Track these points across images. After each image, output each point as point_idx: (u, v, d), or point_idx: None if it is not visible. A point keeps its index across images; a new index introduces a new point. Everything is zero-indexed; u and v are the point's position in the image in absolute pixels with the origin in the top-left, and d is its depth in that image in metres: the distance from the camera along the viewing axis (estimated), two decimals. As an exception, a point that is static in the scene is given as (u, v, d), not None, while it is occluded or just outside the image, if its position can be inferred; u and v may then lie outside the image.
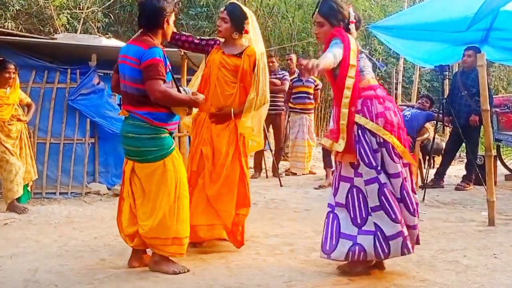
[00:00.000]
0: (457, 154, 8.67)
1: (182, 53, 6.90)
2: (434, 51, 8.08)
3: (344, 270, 3.38)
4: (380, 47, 14.16)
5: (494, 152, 5.81)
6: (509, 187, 6.74)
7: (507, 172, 7.44)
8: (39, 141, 6.61)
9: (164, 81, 3.31)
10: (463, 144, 7.07)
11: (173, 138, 3.58)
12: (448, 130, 9.33)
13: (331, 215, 3.36)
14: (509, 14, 6.93)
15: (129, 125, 3.41)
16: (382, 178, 3.19)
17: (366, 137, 3.22)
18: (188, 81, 7.45)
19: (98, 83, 6.83)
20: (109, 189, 6.69)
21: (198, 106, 3.64)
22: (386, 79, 14.38)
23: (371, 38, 14.10)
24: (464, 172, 6.91)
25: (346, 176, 3.31)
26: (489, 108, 4.91)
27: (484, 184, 5.43)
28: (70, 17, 12.25)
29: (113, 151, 6.87)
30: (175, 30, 3.82)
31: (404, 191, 3.23)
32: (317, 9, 3.45)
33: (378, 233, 3.17)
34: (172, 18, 3.52)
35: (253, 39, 4.13)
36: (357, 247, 3.20)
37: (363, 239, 3.20)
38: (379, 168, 3.19)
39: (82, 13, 12.32)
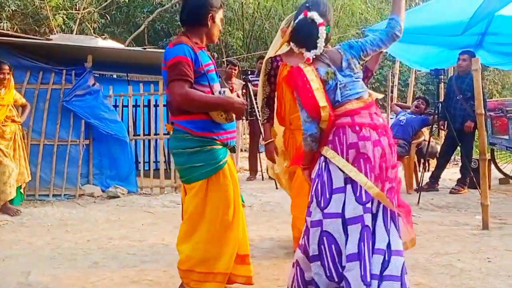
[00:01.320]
0: (452, 158, 8.67)
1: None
2: (429, 54, 8.10)
3: None
4: (376, 50, 14.18)
5: (488, 156, 5.82)
6: (503, 191, 6.74)
7: (501, 176, 7.45)
8: (32, 142, 6.59)
9: (190, 83, 2.76)
10: (458, 148, 7.07)
11: (230, 149, 3.00)
12: (443, 133, 9.34)
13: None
14: (504, 19, 6.94)
15: (172, 139, 2.93)
16: (327, 223, 2.55)
17: (330, 173, 2.61)
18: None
19: (94, 84, 6.81)
20: (103, 191, 6.66)
21: (239, 110, 2.90)
22: (382, 82, 14.42)
23: (367, 41, 14.12)
24: (459, 176, 6.91)
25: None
26: (483, 112, 4.92)
27: (478, 187, 5.44)
28: (66, 17, 12.23)
29: (108, 153, 6.85)
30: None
31: (362, 244, 2.48)
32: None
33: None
34: (219, 16, 2.95)
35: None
36: None
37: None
38: (329, 211, 2.55)
39: (78, 13, 12.31)
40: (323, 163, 2.64)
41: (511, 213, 5.41)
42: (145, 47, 8.16)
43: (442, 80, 6.96)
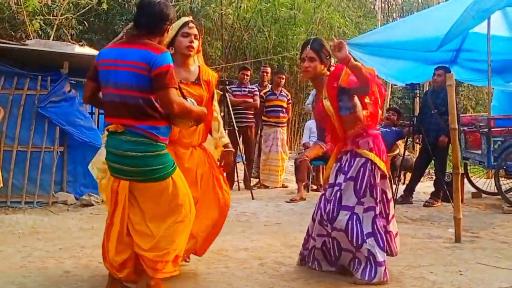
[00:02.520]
0: (426, 171, 8.79)
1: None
2: (405, 69, 8.24)
3: None
4: (354, 64, 14.34)
5: (461, 170, 5.91)
6: (476, 205, 6.85)
7: (474, 190, 7.57)
8: (5, 148, 6.46)
9: (177, 90, 2.95)
10: (432, 161, 7.18)
11: None
12: (418, 146, 9.48)
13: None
14: (478, 36, 7.12)
15: (127, 142, 2.92)
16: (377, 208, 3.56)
17: (375, 172, 3.55)
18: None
19: (69, 91, 6.74)
20: (77, 198, 6.56)
21: (203, 120, 3.22)
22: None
23: (345, 55, 14.27)
24: (433, 189, 7.01)
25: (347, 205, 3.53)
26: (457, 127, 5.00)
27: (451, 201, 5.52)
28: (43, 23, 12.08)
29: (82, 160, 6.74)
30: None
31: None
32: (308, 46, 3.63)
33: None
34: (172, 32, 3.25)
35: None
36: None
37: None
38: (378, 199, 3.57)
39: (55, 19, 12.17)
40: (372, 165, 3.54)
41: (483, 227, 5.50)
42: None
43: (418, 95, 7.08)
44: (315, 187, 8.17)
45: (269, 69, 9.13)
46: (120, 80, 2.90)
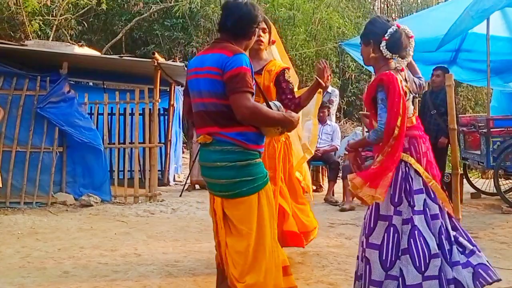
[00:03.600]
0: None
1: (156, 63, 6.90)
2: (404, 69, 8.23)
3: None
4: (353, 64, 14.36)
5: (460, 171, 5.91)
6: (475, 205, 6.85)
7: (473, 190, 7.57)
8: (5, 149, 6.47)
9: (253, 95, 2.66)
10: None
11: None
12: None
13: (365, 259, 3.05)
14: (477, 37, 7.12)
15: (215, 152, 2.68)
16: (416, 220, 2.95)
17: (411, 176, 3.02)
18: (161, 91, 7.45)
19: (69, 92, 6.74)
20: (76, 199, 6.57)
21: (294, 127, 2.85)
22: (358, 96, 14.58)
23: (344, 55, 14.30)
24: (432, 190, 7.00)
25: (385, 214, 3.01)
26: (456, 127, 5.00)
27: (450, 201, 5.51)
28: (43, 23, 12.09)
29: (82, 161, 6.77)
30: None
31: (442, 236, 2.98)
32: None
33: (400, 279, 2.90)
34: (257, 33, 2.94)
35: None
36: None
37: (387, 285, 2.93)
38: (416, 209, 2.97)
39: (55, 20, 12.18)
40: (406, 168, 3.02)
41: (482, 227, 5.50)
42: (121, 55, 8.11)
43: (417, 95, 7.06)
44: (314, 187, 8.17)
45: None
46: (200, 88, 2.72)
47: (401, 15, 19.47)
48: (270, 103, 2.80)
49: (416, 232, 2.92)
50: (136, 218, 5.91)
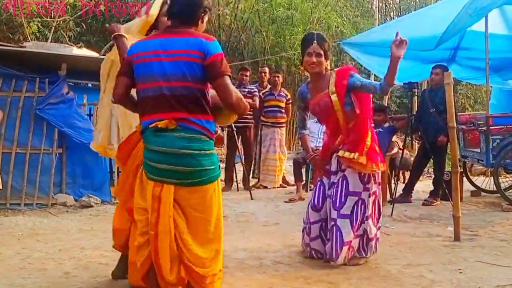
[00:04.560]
0: (425, 170, 8.80)
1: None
2: (403, 68, 8.17)
3: None
4: (352, 63, 14.35)
5: (460, 169, 5.92)
6: (474, 203, 6.85)
7: (473, 188, 7.58)
8: (4, 150, 6.46)
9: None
10: (431, 160, 7.18)
11: None
12: (416, 145, 9.49)
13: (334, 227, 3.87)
14: (476, 34, 7.12)
15: (180, 138, 2.64)
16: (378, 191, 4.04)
17: None
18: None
19: (68, 93, 6.74)
20: (76, 200, 6.57)
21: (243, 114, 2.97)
22: (357, 95, 14.57)
23: (343, 54, 14.30)
24: (432, 188, 7.01)
25: (354, 191, 3.89)
26: (455, 125, 5.01)
27: (450, 199, 5.52)
28: (41, 25, 12.08)
29: (81, 162, 6.76)
30: None
31: None
32: (314, 41, 3.88)
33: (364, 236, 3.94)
34: (205, 19, 2.89)
35: None
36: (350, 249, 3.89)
37: (354, 243, 3.89)
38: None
39: (53, 21, 12.16)
40: None
41: (482, 225, 5.51)
42: (121, 56, 8.08)
43: (416, 94, 7.07)
44: (313, 186, 8.17)
45: (267, 69, 9.10)
46: (168, 71, 2.65)
47: (399, 14, 19.50)
48: None
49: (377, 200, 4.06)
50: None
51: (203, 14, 2.82)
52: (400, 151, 6.94)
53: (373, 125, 7.47)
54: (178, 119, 2.64)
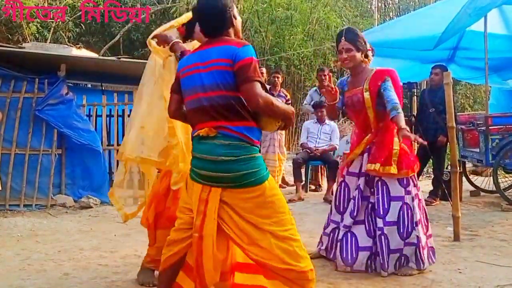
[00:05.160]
0: (425, 170, 8.80)
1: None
2: (402, 68, 8.22)
3: None
4: (351, 63, 14.37)
5: (459, 169, 5.91)
6: (474, 203, 6.85)
7: (472, 188, 7.57)
8: (3, 151, 6.47)
9: (263, 85, 2.66)
10: (430, 160, 7.18)
11: None
12: (415, 145, 9.48)
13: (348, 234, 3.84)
14: (475, 34, 7.12)
15: (221, 146, 2.64)
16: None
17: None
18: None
19: (67, 94, 6.73)
20: (75, 201, 6.56)
21: (292, 122, 2.90)
22: (356, 95, 14.58)
23: (342, 54, 14.28)
24: (431, 188, 7.01)
25: (396, 195, 3.80)
26: (455, 125, 5.01)
27: (450, 199, 5.52)
28: (40, 26, 12.09)
29: (81, 163, 6.76)
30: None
31: None
32: (342, 37, 3.84)
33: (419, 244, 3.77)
34: (236, 10, 2.86)
35: None
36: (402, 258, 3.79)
37: (406, 251, 3.76)
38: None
39: (52, 22, 12.17)
40: None
41: (481, 225, 5.50)
42: (119, 56, 8.11)
43: (415, 94, 7.07)
44: (313, 187, 8.18)
45: (264, 69, 9.09)
46: (205, 82, 2.67)
47: (398, 14, 19.49)
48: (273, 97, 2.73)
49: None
50: (136, 219, 5.85)
51: (230, 14, 2.78)
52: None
53: None
54: (218, 127, 2.66)
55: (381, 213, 3.74)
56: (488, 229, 5.33)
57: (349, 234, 3.81)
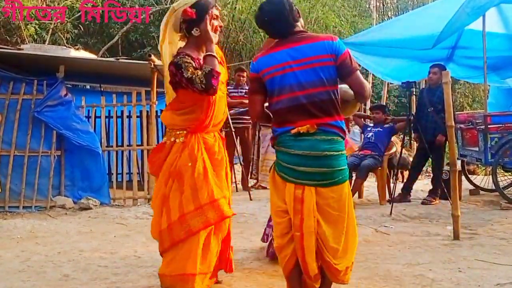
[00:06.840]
0: (424, 169, 8.80)
1: (152, 65, 6.89)
2: (401, 67, 8.24)
3: None
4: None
5: (458, 167, 5.92)
6: (473, 202, 6.86)
7: (472, 187, 7.58)
8: (2, 153, 6.47)
9: None
10: (430, 159, 7.18)
11: None
12: (415, 144, 9.49)
13: None
14: (473, 33, 7.12)
15: (324, 141, 2.70)
16: None
17: None
18: (159, 94, 7.47)
19: (66, 95, 6.73)
20: (75, 202, 6.56)
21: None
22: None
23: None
24: (431, 187, 7.01)
25: None
26: (453, 124, 5.01)
27: (449, 198, 5.53)
28: (39, 27, 12.07)
29: (80, 164, 6.76)
30: None
31: None
32: None
33: None
34: (297, 11, 2.94)
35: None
36: None
37: None
38: None
39: (51, 24, 12.15)
40: None
41: (481, 224, 5.51)
42: (118, 57, 8.11)
43: (414, 93, 7.07)
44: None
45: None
46: (303, 80, 2.71)
47: (397, 13, 19.52)
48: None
49: None
50: (135, 220, 5.91)
51: (295, 10, 2.87)
52: (399, 151, 6.95)
53: (372, 123, 7.51)
54: (320, 124, 2.71)
55: None
56: (487, 227, 5.33)
57: None
